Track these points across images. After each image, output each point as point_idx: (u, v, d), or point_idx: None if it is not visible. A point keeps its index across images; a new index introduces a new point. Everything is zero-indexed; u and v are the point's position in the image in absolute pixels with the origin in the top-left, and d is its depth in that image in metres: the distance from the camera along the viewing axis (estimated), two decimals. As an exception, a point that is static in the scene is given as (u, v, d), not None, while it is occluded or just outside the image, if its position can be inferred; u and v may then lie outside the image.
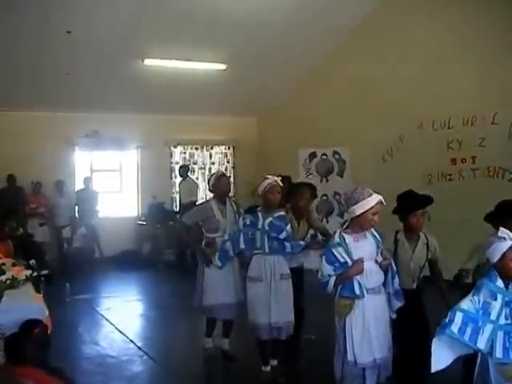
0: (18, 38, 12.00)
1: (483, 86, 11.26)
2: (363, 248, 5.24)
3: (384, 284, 5.36)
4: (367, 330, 5.20)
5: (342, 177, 14.13)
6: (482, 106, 11.28)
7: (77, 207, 15.79)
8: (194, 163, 17.83)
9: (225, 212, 7.77)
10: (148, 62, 13.97)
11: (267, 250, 6.72)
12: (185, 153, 17.88)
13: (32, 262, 8.06)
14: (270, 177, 6.83)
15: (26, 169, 15.04)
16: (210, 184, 7.92)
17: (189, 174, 16.25)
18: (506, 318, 4.38)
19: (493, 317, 4.37)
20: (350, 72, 14.32)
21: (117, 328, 9.62)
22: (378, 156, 13.58)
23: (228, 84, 15.25)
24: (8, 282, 6.19)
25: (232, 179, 18.23)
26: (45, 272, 7.59)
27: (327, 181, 13.93)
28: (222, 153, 18.41)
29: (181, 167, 16.50)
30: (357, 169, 13.81)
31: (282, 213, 6.87)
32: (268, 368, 6.93)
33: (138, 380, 7.45)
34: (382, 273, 5.32)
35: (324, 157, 14.26)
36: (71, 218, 15.77)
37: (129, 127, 16.54)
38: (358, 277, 5.16)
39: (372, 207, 5.14)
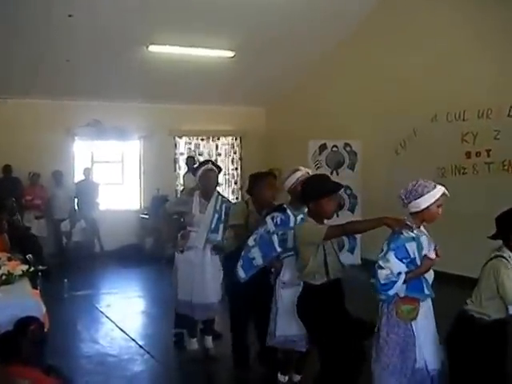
0: (16, 22, 11.99)
1: (499, 77, 11.27)
2: (424, 244, 5.11)
3: None
4: (432, 333, 5.14)
5: (353, 170, 14.10)
6: (498, 98, 11.29)
7: (76, 199, 15.85)
8: (200, 154, 17.79)
9: (205, 207, 7.78)
10: (153, 48, 13.95)
11: None
12: (190, 143, 17.87)
13: (29, 256, 8.10)
14: (301, 168, 6.54)
15: (24, 159, 15.07)
16: (197, 176, 7.88)
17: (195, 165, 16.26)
18: None
19: None
20: (362, 63, 14.34)
21: (117, 326, 9.66)
22: (391, 149, 13.58)
23: (236, 72, 15.25)
24: (4, 277, 6.23)
25: (239, 171, 18.32)
26: (42, 267, 7.60)
27: (337, 174, 13.88)
28: (228, 144, 18.42)
29: (188, 158, 16.52)
30: (368, 162, 13.80)
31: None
32: (286, 378, 6.72)
33: (138, 379, 7.49)
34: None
35: (335, 149, 14.22)
36: (70, 211, 15.81)
37: (132, 116, 16.54)
38: (426, 275, 5.06)
39: (437, 199, 5.01)
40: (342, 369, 5.45)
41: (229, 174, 18.37)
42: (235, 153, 18.51)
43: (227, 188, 18.25)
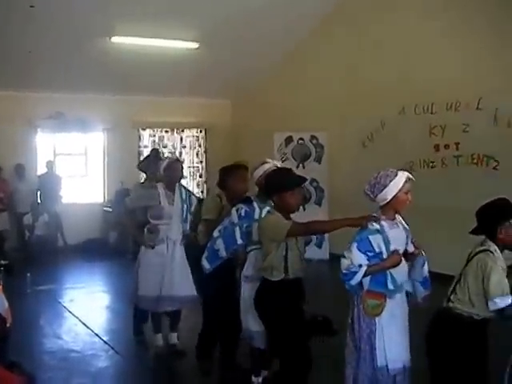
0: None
1: (468, 70, 11.33)
2: (396, 237, 5.06)
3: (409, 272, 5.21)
4: (399, 331, 5.07)
5: (319, 163, 14.14)
6: (467, 90, 11.35)
7: (39, 193, 15.68)
8: (164, 147, 17.66)
9: (172, 199, 7.76)
10: (116, 39, 13.82)
11: None
12: (154, 136, 17.76)
13: (-9, 250, 8.02)
14: (269, 161, 6.53)
15: (-15, 152, 14.91)
16: (161, 169, 7.82)
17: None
18: None
19: None
20: (330, 56, 14.38)
21: (81, 321, 9.59)
22: (358, 142, 13.62)
23: (201, 64, 15.15)
24: (-35, 271, 6.14)
25: (204, 164, 18.26)
26: (4, 261, 7.53)
27: (304, 167, 13.94)
28: (193, 136, 18.32)
29: (152, 150, 16.39)
30: (335, 155, 13.84)
31: None
32: (260, 379, 6.61)
33: (103, 376, 7.45)
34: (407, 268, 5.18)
35: (301, 141, 14.26)
36: (33, 205, 15.64)
37: (95, 108, 16.40)
38: (392, 270, 4.98)
39: (403, 186, 4.99)
40: (291, 369, 5.45)
41: (193, 166, 18.29)
42: (200, 145, 18.41)
43: (192, 181, 18.18)
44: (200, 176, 18.40)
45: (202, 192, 17.95)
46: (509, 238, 4.86)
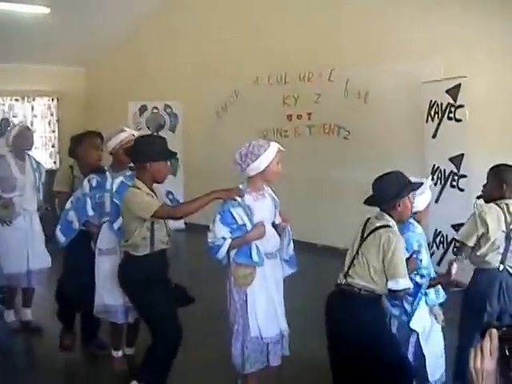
0: None
1: (320, 41, 11.54)
2: (262, 209, 5.06)
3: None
4: (271, 300, 5.05)
5: (173, 132, 14.05)
6: (319, 62, 11.56)
7: None
8: (14, 116, 16.99)
9: (24, 168, 7.48)
10: (-40, 1, 13.12)
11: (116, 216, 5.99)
12: (3, 105, 17.10)
13: None
14: (127, 129, 6.33)
15: None
16: (11, 137, 7.47)
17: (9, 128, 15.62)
18: None
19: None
20: (184, 23, 14.19)
21: None
22: (212, 111, 13.64)
23: (52, 29, 14.59)
24: None
25: (56, 133, 17.75)
26: None
27: (159, 136, 13.79)
28: (44, 105, 17.74)
29: (2, 120, 15.84)
30: (190, 124, 13.80)
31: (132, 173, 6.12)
32: (120, 353, 6.47)
33: None
34: (278, 237, 5.19)
35: (155, 110, 14.14)
36: None
37: None
38: (256, 241, 4.97)
39: (275, 156, 4.97)
40: (165, 340, 5.38)
41: (45, 136, 17.74)
42: (52, 114, 17.84)
43: (44, 151, 17.62)
44: (52, 146, 17.84)
45: (55, 162, 17.45)
46: (406, 210, 4.80)
